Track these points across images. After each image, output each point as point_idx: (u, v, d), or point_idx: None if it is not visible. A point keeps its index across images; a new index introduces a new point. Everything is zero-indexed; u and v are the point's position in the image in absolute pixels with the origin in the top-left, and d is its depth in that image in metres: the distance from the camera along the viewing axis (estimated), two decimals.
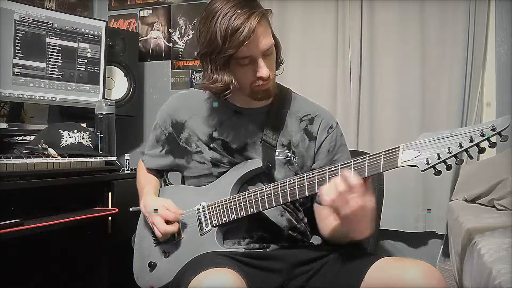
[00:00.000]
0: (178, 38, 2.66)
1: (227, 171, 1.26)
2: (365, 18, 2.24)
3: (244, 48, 1.10)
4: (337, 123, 1.32)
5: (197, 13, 2.60)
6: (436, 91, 2.15)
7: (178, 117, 1.33)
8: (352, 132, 2.22)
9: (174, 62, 2.67)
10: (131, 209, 1.44)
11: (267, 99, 1.25)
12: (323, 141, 1.28)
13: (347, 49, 2.26)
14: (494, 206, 1.78)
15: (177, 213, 1.24)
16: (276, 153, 1.24)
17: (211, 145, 1.27)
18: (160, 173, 1.46)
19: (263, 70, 1.14)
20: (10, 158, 1.54)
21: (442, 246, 2.15)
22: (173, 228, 1.24)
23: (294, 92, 1.35)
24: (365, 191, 1.01)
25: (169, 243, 1.29)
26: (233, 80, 1.17)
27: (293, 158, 1.25)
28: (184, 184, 1.39)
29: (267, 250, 1.24)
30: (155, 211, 1.25)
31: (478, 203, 1.87)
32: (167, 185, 1.46)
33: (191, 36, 2.63)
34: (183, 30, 2.65)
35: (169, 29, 2.68)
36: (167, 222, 1.24)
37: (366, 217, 1.04)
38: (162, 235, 1.24)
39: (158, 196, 1.37)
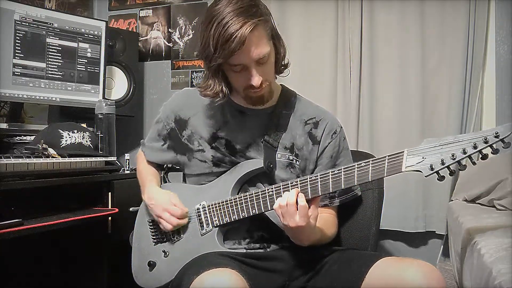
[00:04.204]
0: (178, 38, 2.66)
1: (227, 170, 1.26)
2: (365, 18, 2.24)
3: (235, 57, 1.09)
4: (341, 127, 1.32)
5: (197, 13, 2.60)
6: (436, 91, 2.15)
7: (181, 114, 1.33)
8: (352, 132, 2.22)
9: (174, 62, 2.67)
10: (131, 209, 1.44)
11: (262, 104, 1.25)
12: (327, 146, 1.28)
13: (347, 49, 2.26)
14: (494, 206, 1.78)
15: (184, 210, 1.25)
16: (278, 155, 1.24)
17: (213, 144, 1.27)
18: (160, 166, 1.45)
19: (255, 79, 1.14)
20: (10, 158, 1.53)
21: (442, 246, 2.15)
22: (184, 221, 1.25)
23: (299, 95, 1.36)
24: (305, 214, 1.07)
25: (168, 242, 1.30)
26: (223, 88, 1.19)
27: (296, 161, 1.25)
28: (185, 182, 1.39)
29: (268, 250, 1.24)
30: None
31: (478, 203, 1.87)
32: (167, 183, 1.46)
33: (191, 36, 2.63)
34: (183, 30, 2.65)
35: (169, 29, 2.68)
36: None
37: (302, 233, 1.12)
38: (173, 227, 1.25)
39: None
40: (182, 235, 1.28)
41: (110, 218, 1.82)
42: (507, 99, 2.05)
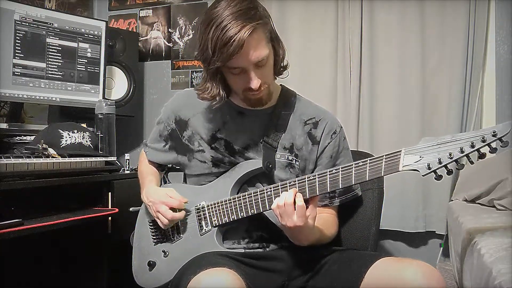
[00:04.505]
0: (178, 38, 2.66)
1: (227, 171, 1.26)
2: (365, 18, 2.24)
3: (233, 60, 1.09)
4: (341, 127, 1.32)
5: (197, 13, 2.60)
6: (436, 91, 2.15)
7: (181, 115, 1.33)
8: (352, 132, 2.22)
9: (174, 62, 2.67)
10: (131, 209, 1.44)
11: (261, 106, 1.25)
12: (326, 146, 1.28)
13: (347, 49, 2.26)
14: (494, 206, 1.78)
15: (181, 200, 1.24)
16: (278, 155, 1.24)
17: (213, 145, 1.27)
18: (161, 167, 1.46)
19: (253, 82, 1.14)
20: (10, 158, 1.53)
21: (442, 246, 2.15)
22: (180, 215, 1.24)
23: (298, 95, 1.36)
24: (303, 214, 1.06)
25: (168, 242, 1.30)
26: (220, 91, 1.19)
27: (295, 161, 1.25)
28: (186, 182, 1.39)
29: (267, 250, 1.24)
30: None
31: (478, 203, 1.87)
32: (167, 183, 1.46)
33: (191, 36, 2.63)
34: (183, 30, 2.65)
35: (169, 29, 2.68)
36: (172, 210, 1.24)
37: (301, 233, 1.12)
38: (169, 222, 1.23)
39: None
40: (181, 235, 1.28)
41: (110, 218, 1.82)
42: (507, 99, 2.05)
